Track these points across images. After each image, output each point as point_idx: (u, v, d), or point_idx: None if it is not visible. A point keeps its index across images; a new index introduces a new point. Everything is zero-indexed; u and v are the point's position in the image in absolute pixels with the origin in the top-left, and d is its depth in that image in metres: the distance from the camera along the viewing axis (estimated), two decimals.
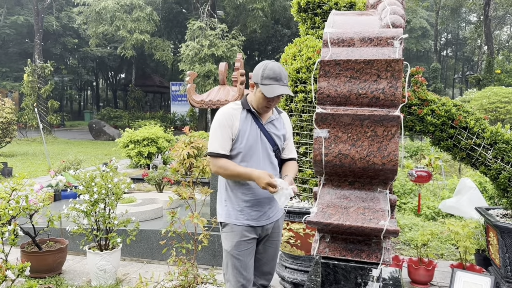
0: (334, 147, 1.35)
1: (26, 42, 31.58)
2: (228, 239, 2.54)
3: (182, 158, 3.86)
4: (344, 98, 1.36)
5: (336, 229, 1.36)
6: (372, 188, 1.39)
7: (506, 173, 3.59)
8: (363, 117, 1.32)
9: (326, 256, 1.41)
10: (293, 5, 3.89)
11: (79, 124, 33.42)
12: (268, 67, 2.34)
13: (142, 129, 9.67)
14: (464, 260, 4.10)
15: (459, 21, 44.40)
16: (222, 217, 2.57)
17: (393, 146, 1.31)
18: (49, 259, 4.17)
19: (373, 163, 1.32)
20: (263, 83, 2.33)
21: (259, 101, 2.42)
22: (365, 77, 1.34)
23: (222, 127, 2.44)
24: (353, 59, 1.34)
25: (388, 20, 1.45)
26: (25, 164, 12.42)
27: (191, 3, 25.26)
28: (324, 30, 1.43)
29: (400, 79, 1.32)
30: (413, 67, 4.07)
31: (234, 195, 2.54)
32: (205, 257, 4.45)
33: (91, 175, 3.99)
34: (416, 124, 3.79)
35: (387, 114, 1.30)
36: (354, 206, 1.38)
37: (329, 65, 1.37)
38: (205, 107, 4.35)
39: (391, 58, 1.31)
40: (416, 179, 4.27)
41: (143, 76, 36.19)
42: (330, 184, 1.43)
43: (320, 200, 1.42)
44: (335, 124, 1.35)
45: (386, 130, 1.31)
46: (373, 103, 1.34)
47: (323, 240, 1.45)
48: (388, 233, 1.29)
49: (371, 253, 1.38)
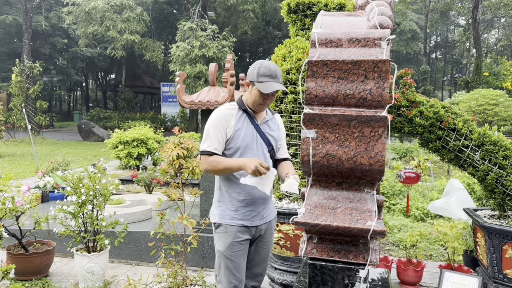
0: (321, 148, 1.34)
1: (14, 42, 31.24)
2: (221, 239, 2.53)
3: (172, 159, 3.84)
4: (332, 99, 1.36)
5: (324, 230, 1.36)
6: (360, 189, 1.39)
7: (493, 174, 3.63)
8: (350, 118, 1.32)
9: (314, 257, 1.41)
10: (283, 7, 3.90)
11: (68, 125, 33.12)
12: (263, 65, 2.39)
13: (131, 130, 9.60)
14: (452, 261, 4.12)
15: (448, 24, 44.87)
16: (216, 218, 2.57)
17: (380, 146, 1.31)
18: (36, 261, 4.11)
19: (360, 164, 1.32)
20: (259, 81, 2.36)
21: (255, 99, 2.44)
22: (353, 77, 1.34)
23: (216, 126, 2.45)
24: (341, 60, 1.34)
25: (376, 21, 1.45)
26: (13, 165, 12.26)
27: (182, 4, 25.22)
28: (312, 30, 1.43)
29: (387, 80, 1.32)
30: (402, 69, 4.10)
31: (228, 195, 2.53)
32: (194, 258, 4.43)
33: (78, 176, 3.94)
34: (405, 125, 3.81)
35: (374, 115, 1.30)
36: (341, 206, 1.38)
37: (317, 65, 1.37)
38: (195, 108, 4.33)
39: (378, 59, 1.31)
40: (405, 180, 4.30)
41: (133, 76, 35.98)
42: (317, 184, 1.43)
43: (308, 200, 1.41)
44: (323, 125, 1.34)
45: (373, 130, 1.31)
46: (360, 103, 1.34)
47: (311, 241, 1.44)
48: (375, 234, 1.29)
49: (358, 254, 1.38)
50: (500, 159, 3.61)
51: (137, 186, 7.45)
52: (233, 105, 2.55)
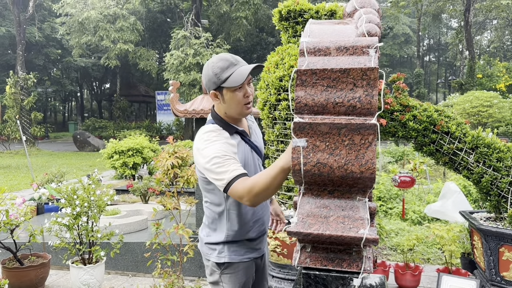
0: (312, 156, 1.34)
1: (8, 54, 31.20)
2: (232, 281, 2.05)
3: (166, 168, 3.83)
4: (322, 107, 1.36)
5: (317, 239, 1.35)
6: (352, 197, 1.39)
7: (488, 176, 3.63)
8: (340, 126, 1.32)
9: (307, 267, 1.40)
10: (274, 14, 3.91)
11: (64, 136, 33.03)
12: (213, 61, 1.91)
13: (126, 140, 9.57)
14: (450, 264, 4.12)
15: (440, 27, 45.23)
16: (223, 258, 2.04)
17: (371, 154, 1.30)
18: (31, 275, 4.07)
19: (351, 172, 1.32)
20: (222, 79, 1.87)
21: (234, 104, 1.92)
22: (342, 85, 1.34)
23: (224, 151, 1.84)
24: (329, 68, 1.34)
25: (364, 28, 1.46)
26: (8, 178, 12.19)
27: (176, 12, 25.28)
28: (300, 39, 1.44)
29: (376, 87, 1.32)
30: (394, 74, 4.11)
31: (239, 218, 2.04)
32: (191, 268, 4.40)
33: (73, 188, 3.92)
34: (399, 129, 3.82)
35: (363, 123, 1.30)
36: (334, 215, 1.37)
37: (306, 74, 1.37)
38: (189, 116, 4.33)
39: (367, 67, 1.31)
40: (400, 185, 4.30)
41: (128, 85, 35.99)
42: (309, 193, 1.42)
43: (300, 209, 1.41)
44: (313, 133, 1.34)
45: (363, 138, 1.30)
46: (350, 111, 1.34)
47: (304, 250, 1.43)
48: (368, 242, 1.29)
49: (352, 262, 1.37)
50: (494, 161, 3.62)
51: (133, 196, 7.41)
52: (216, 128, 1.95)
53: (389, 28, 30.65)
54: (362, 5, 1.73)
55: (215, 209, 2.08)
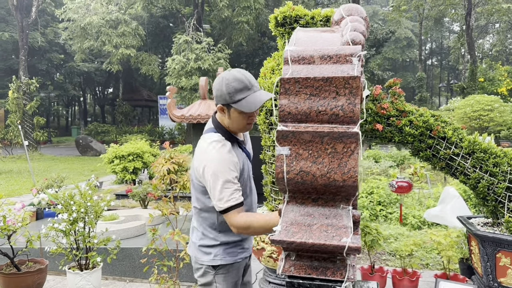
0: (295, 165, 1.34)
1: (11, 59, 31.39)
2: (226, 280, 2.13)
3: (162, 174, 3.84)
4: (305, 115, 1.36)
5: (300, 247, 1.35)
6: (335, 205, 1.39)
7: (484, 182, 3.62)
8: (322, 134, 1.32)
9: (292, 275, 1.40)
10: (270, 20, 3.92)
11: (67, 140, 33.14)
12: (229, 79, 1.91)
13: (127, 144, 9.60)
14: (448, 270, 4.10)
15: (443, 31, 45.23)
16: (217, 260, 2.10)
17: (353, 162, 1.31)
18: (28, 281, 4.07)
19: (334, 180, 1.32)
20: (235, 101, 1.90)
21: (238, 123, 1.99)
22: (324, 94, 1.34)
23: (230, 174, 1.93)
24: (312, 77, 1.35)
25: (348, 37, 1.46)
26: (9, 182, 12.23)
27: (178, 17, 25.39)
28: (285, 48, 1.44)
29: (358, 95, 1.32)
30: (397, 77, 4.12)
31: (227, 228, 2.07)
32: (188, 274, 4.40)
33: (69, 193, 3.93)
34: (395, 135, 3.82)
35: (346, 131, 1.30)
36: (317, 223, 1.37)
37: (289, 82, 1.37)
38: (186, 122, 4.34)
39: (349, 75, 1.32)
40: (397, 190, 4.29)
41: (130, 90, 36.11)
42: (294, 201, 1.42)
43: (284, 218, 1.41)
44: (296, 142, 1.34)
45: (345, 146, 1.31)
46: (332, 119, 1.34)
47: (289, 258, 1.43)
48: (351, 250, 1.29)
49: (335, 271, 1.37)
50: (491, 167, 3.61)
51: (132, 200, 7.42)
52: (222, 140, 2.00)
53: (390, 32, 30.61)
54: (349, 13, 1.74)
55: (207, 214, 2.11)
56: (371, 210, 7.23)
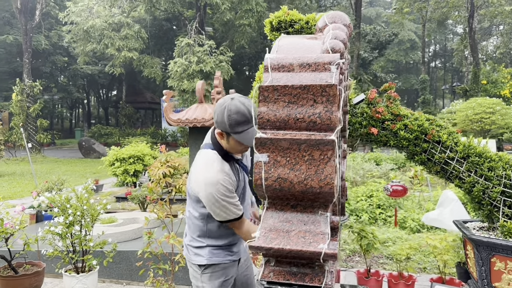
0: (273, 171, 1.36)
1: (16, 61, 31.60)
2: (211, 280, 2.24)
3: (158, 177, 3.86)
4: (283, 123, 1.38)
5: (278, 253, 1.36)
6: (314, 211, 1.39)
7: (479, 186, 3.62)
8: (300, 141, 1.33)
9: (271, 281, 1.41)
10: (266, 25, 3.94)
11: (70, 142, 33.27)
12: (231, 110, 1.95)
13: (128, 147, 9.64)
14: (443, 274, 4.09)
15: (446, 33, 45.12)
16: (203, 259, 2.22)
17: (330, 169, 1.32)
18: (25, 283, 4.10)
19: (311, 187, 1.33)
20: (234, 132, 1.96)
21: (235, 148, 2.08)
22: (302, 102, 1.36)
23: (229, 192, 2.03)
24: (290, 85, 1.36)
25: (328, 45, 1.47)
26: (12, 185, 12.30)
27: (181, 20, 25.49)
28: (265, 55, 1.46)
29: (336, 103, 1.34)
30: (400, 80, 4.12)
31: (218, 229, 2.22)
32: (184, 277, 4.41)
33: (66, 196, 3.96)
34: (390, 138, 3.82)
35: (322, 138, 1.31)
36: (295, 229, 1.38)
37: (268, 90, 1.38)
38: (182, 125, 4.36)
39: (326, 83, 1.33)
40: (392, 194, 4.29)
41: (134, 92, 36.25)
42: (273, 207, 1.43)
43: (263, 224, 1.42)
44: (274, 149, 1.36)
45: (322, 154, 1.32)
46: (310, 127, 1.36)
47: (268, 264, 1.44)
48: (327, 257, 1.30)
49: (314, 277, 1.38)
50: (486, 171, 3.61)
51: (132, 203, 7.44)
52: (216, 157, 2.10)
53: (393, 34, 30.59)
54: (332, 20, 1.75)
55: (197, 220, 2.25)
56: (370, 213, 7.22)
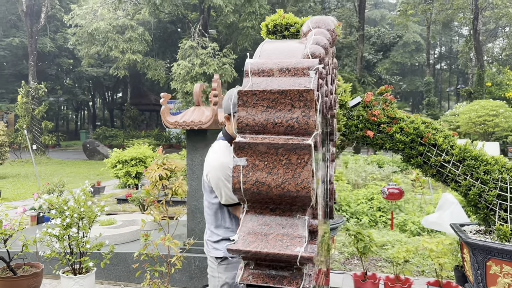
0: (251, 175, 1.37)
1: (22, 64, 31.82)
2: (227, 271, 2.42)
3: (155, 180, 3.88)
4: (262, 127, 1.39)
5: (256, 256, 1.38)
6: (292, 215, 1.41)
7: (475, 189, 3.61)
8: (277, 146, 1.35)
9: (250, 284, 1.42)
10: (262, 28, 3.96)
11: (75, 144, 33.44)
12: (235, 92, 2.25)
13: (130, 149, 9.69)
14: (440, 277, 4.08)
15: (451, 35, 44.93)
16: (221, 253, 2.41)
17: (306, 173, 1.33)
18: (24, 284, 4.13)
19: (288, 191, 1.34)
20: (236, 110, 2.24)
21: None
22: (280, 106, 1.37)
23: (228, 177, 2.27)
24: (268, 90, 1.37)
25: (309, 50, 1.49)
26: (16, 186, 12.39)
27: (185, 22, 25.58)
28: (246, 60, 1.48)
29: (313, 108, 1.35)
30: (405, 81, 4.13)
31: (230, 222, 2.43)
32: (182, 279, 4.43)
33: (64, 199, 3.99)
34: (386, 141, 3.83)
35: (299, 143, 1.33)
36: (273, 232, 1.39)
37: (247, 95, 1.40)
38: (180, 128, 4.38)
39: (303, 88, 1.34)
40: (388, 196, 4.28)
41: (138, 94, 36.38)
42: (252, 211, 1.45)
43: (242, 227, 1.43)
44: (252, 153, 1.37)
45: (299, 158, 1.33)
46: (288, 131, 1.37)
47: (248, 267, 1.45)
48: (303, 260, 1.31)
49: (292, 280, 1.38)
50: (482, 174, 3.60)
51: (133, 205, 7.48)
52: (226, 145, 2.39)
53: (398, 36, 30.52)
54: (316, 25, 1.76)
55: (211, 209, 2.46)
56: (370, 216, 7.21)
